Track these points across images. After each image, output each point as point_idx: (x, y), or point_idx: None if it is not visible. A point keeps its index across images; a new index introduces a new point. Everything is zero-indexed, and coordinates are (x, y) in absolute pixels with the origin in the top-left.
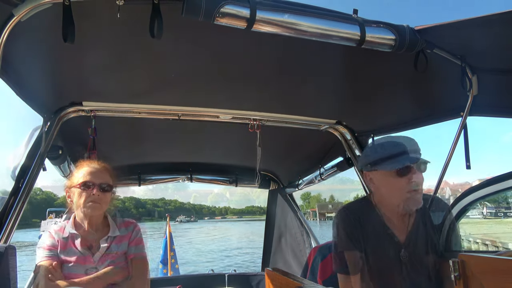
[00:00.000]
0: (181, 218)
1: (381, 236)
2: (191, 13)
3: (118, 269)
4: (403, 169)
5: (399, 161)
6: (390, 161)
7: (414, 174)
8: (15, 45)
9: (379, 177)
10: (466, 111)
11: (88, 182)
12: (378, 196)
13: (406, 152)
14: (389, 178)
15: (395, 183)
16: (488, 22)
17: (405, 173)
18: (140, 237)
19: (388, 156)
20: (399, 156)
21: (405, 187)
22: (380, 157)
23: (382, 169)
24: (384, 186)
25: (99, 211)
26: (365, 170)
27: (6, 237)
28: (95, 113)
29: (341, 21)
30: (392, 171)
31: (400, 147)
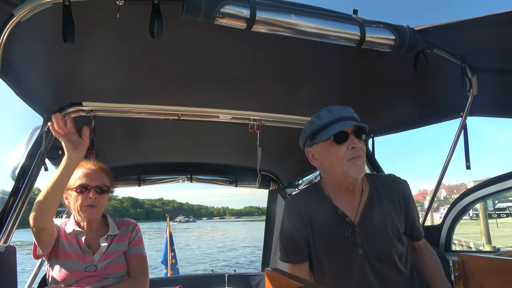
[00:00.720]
0: (180, 218)
1: (331, 218)
2: (191, 13)
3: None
4: (340, 134)
5: (335, 127)
6: (326, 130)
7: (352, 141)
8: (15, 45)
9: (319, 150)
10: (466, 111)
11: (84, 185)
12: (323, 173)
13: (342, 118)
14: (329, 149)
15: (335, 152)
16: (488, 22)
17: (342, 140)
18: (140, 237)
19: (324, 124)
20: (335, 123)
21: (345, 155)
22: (316, 128)
23: (321, 139)
24: (326, 159)
25: (96, 214)
26: (306, 147)
27: (6, 237)
28: (95, 113)
29: (341, 21)
30: (330, 139)
31: (335, 113)
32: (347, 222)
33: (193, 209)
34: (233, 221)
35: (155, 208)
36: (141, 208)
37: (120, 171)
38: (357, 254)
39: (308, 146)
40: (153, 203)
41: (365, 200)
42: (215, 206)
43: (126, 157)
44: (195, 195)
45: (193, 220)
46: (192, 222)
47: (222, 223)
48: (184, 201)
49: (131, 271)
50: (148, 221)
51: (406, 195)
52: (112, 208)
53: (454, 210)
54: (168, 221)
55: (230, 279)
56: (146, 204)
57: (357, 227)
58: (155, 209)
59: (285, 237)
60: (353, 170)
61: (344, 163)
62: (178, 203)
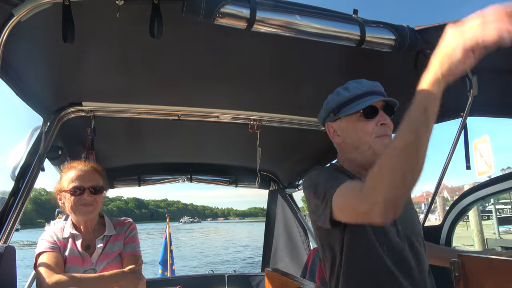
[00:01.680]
0: (185, 219)
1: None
2: (191, 13)
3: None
4: (370, 109)
5: (365, 101)
6: (355, 103)
7: (382, 117)
8: (15, 45)
9: (344, 125)
10: (466, 111)
11: (78, 187)
12: (344, 152)
13: (372, 92)
14: (355, 123)
15: (362, 128)
16: None
17: (373, 115)
18: (135, 235)
19: (353, 97)
20: (364, 96)
21: (373, 131)
22: (344, 100)
23: (347, 113)
24: (350, 135)
25: (92, 214)
26: (327, 121)
27: (6, 237)
28: (94, 113)
29: (341, 21)
30: (358, 113)
31: (365, 86)
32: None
33: (198, 210)
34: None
35: (160, 209)
36: (146, 209)
37: (120, 171)
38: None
39: (330, 120)
40: (157, 204)
41: None
42: (220, 207)
43: (126, 157)
44: (200, 196)
45: (198, 221)
46: (197, 223)
47: (227, 224)
48: (188, 202)
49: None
50: (152, 221)
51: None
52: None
53: (454, 211)
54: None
55: (230, 279)
56: (151, 205)
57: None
58: (159, 210)
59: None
60: (381, 148)
61: (372, 140)
62: (183, 204)
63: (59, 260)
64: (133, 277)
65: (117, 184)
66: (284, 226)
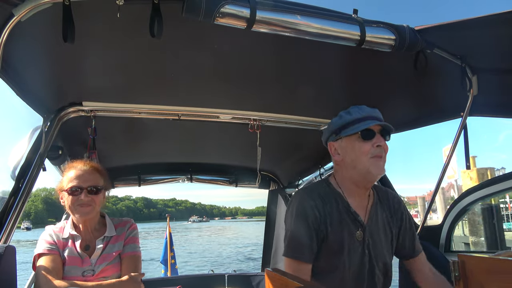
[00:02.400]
0: (194, 218)
1: (344, 215)
2: (191, 13)
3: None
4: (368, 131)
5: (364, 124)
6: (355, 125)
7: (378, 139)
8: (15, 45)
9: (344, 145)
10: (466, 111)
11: (75, 187)
12: (342, 169)
13: (370, 117)
14: (354, 143)
15: (360, 147)
16: (488, 22)
17: (370, 137)
18: (135, 236)
19: (354, 120)
20: (364, 120)
21: (369, 152)
22: (345, 122)
23: (347, 133)
24: (349, 154)
25: (89, 215)
26: (330, 141)
27: (6, 237)
28: (95, 113)
29: (341, 21)
30: (357, 134)
31: (365, 111)
32: (358, 221)
33: (206, 209)
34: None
35: (168, 208)
36: (154, 208)
37: (120, 171)
38: (364, 254)
39: (332, 140)
40: (166, 203)
41: (372, 204)
42: (227, 206)
43: (126, 157)
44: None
45: (206, 220)
46: (206, 222)
47: (235, 222)
48: (196, 201)
49: (123, 270)
50: (161, 221)
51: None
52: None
53: (454, 210)
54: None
55: (230, 279)
56: (159, 204)
57: (367, 227)
58: (168, 209)
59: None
60: (375, 167)
61: (367, 159)
62: (191, 203)
63: (58, 265)
64: (132, 286)
65: (117, 184)
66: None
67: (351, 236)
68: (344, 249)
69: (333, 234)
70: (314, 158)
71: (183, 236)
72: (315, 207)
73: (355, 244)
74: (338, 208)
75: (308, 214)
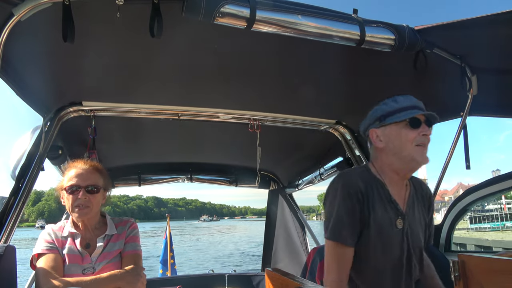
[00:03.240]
0: (204, 218)
1: (385, 203)
2: (191, 13)
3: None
4: (415, 119)
5: (411, 112)
6: (402, 113)
7: (424, 128)
8: (15, 44)
9: (388, 132)
10: (466, 111)
11: (73, 186)
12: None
13: (417, 107)
14: (399, 131)
15: (406, 135)
16: (487, 22)
17: (417, 125)
18: (136, 235)
19: (401, 108)
20: (411, 109)
21: (415, 139)
22: (391, 110)
23: (394, 120)
24: (393, 140)
25: (87, 214)
26: (372, 127)
27: (6, 237)
28: (95, 113)
29: (341, 21)
30: (404, 122)
31: (412, 101)
32: (398, 210)
33: (215, 208)
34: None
35: (178, 207)
36: (165, 207)
37: (120, 171)
38: (403, 241)
39: (375, 127)
40: (176, 203)
41: (409, 193)
42: (237, 206)
43: (126, 157)
44: (217, 195)
45: (216, 219)
46: (216, 221)
47: (244, 222)
48: (206, 200)
49: (123, 268)
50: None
51: (431, 201)
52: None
53: (454, 210)
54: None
55: (230, 279)
56: (169, 203)
57: (405, 216)
58: (178, 209)
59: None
60: (419, 155)
61: (412, 147)
62: (201, 202)
63: (57, 263)
64: (131, 277)
65: (117, 183)
66: (284, 226)
67: (391, 224)
68: (384, 236)
69: (374, 220)
70: (314, 158)
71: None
72: (359, 191)
73: (394, 231)
74: (379, 195)
75: (353, 197)
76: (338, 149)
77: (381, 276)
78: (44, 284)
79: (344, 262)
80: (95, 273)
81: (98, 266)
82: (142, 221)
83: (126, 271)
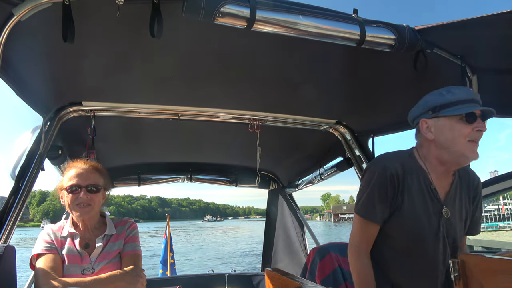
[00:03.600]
0: (209, 218)
1: (423, 190)
2: (191, 13)
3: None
4: (472, 114)
5: (469, 106)
6: (459, 106)
7: (480, 124)
8: (15, 45)
9: (440, 124)
10: None
11: (74, 186)
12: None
13: (475, 100)
14: (453, 124)
15: (460, 129)
16: (488, 22)
17: (473, 120)
18: (135, 235)
19: (458, 100)
20: (468, 103)
21: (469, 134)
22: (447, 101)
23: (449, 113)
24: (445, 133)
25: (88, 214)
26: (423, 117)
27: (6, 237)
28: (94, 113)
29: (341, 21)
30: (459, 116)
31: (469, 93)
32: (437, 199)
33: (219, 208)
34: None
35: (182, 207)
36: (169, 207)
37: (120, 171)
38: (438, 230)
39: (427, 117)
40: (180, 203)
41: (453, 184)
42: (241, 206)
43: (126, 157)
44: (221, 195)
45: (220, 219)
46: (220, 221)
47: (248, 222)
48: (210, 200)
49: (123, 268)
50: (175, 220)
51: (478, 190)
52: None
53: None
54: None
55: (230, 279)
56: (173, 203)
57: (445, 206)
58: (182, 209)
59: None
60: (470, 151)
61: (465, 142)
62: (204, 202)
63: (57, 264)
64: (130, 277)
65: (117, 183)
66: (284, 226)
67: (427, 212)
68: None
69: (409, 206)
70: (314, 158)
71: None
72: (396, 175)
73: (431, 219)
74: (419, 183)
75: (387, 181)
76: (338, 149)
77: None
78: (43, 284)
79: (366, 235)
80: (94, 273)
81: (97, 266)
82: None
83: (125, 272)
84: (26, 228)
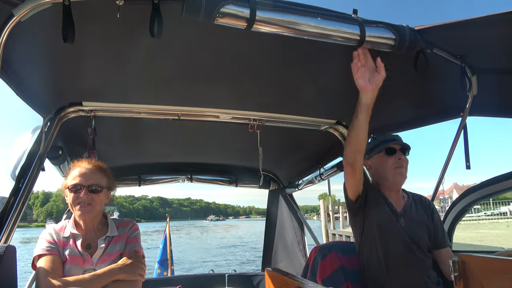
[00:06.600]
0: (211, 217)
1: (382, 204)
2: (191, 13)
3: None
4: (390, 148)
5: (387, 143)
6: (380, 145)
7: (399, 154)
8: (15, 45)
9: (374, 161)
10: (465, 111)
11: (76, 185)
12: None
13: (392, 140)
14: (381, 159)
15: (386, 161)
16: (487, 22)
17: (392, 152)
18: (137, 236)
19: (379, 142)
20: (387, 141)
21: (393, 163)
22: (374, 144)
23: (376, 152)
24: (378, 167)
25: (89, 213)
26: (365, 159)
27: (6, 237)
28: (95, 113)
29: (341, 21)
30: (382, 152)
31: (387, 135)
32: (393, 210)
33: (220, 208)
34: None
35: (183, 207)
36: (170, 207)
37: (120, 171)
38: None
39: (367, 159)
40: (181, 203)
41: (407, 202)
42: (241, 206)
43: (126, 157)
44: (222, 194)
45: (222, 219)
46: (222, 220)
47: (249, 221)
48: (211, 200)
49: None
50: (176, 220)
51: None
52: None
53: (454, 210)
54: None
55: (230, 279)
56: (174, 203)
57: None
58: (183, 209)
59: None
60: (397, 175)
61: (392, 169)
62: (205, 202)
63: (57, 265)
64: (130, 268)
65: (117, 183)
66: (285, 226)
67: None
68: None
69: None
70: (314, 158)
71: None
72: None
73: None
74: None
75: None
76: (338, 149)
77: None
78: (44, 284)
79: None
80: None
81: (99, 267)
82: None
83: (124, 264)
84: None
